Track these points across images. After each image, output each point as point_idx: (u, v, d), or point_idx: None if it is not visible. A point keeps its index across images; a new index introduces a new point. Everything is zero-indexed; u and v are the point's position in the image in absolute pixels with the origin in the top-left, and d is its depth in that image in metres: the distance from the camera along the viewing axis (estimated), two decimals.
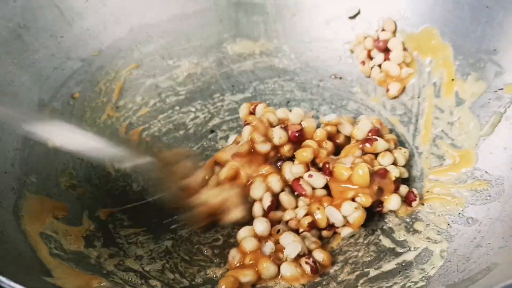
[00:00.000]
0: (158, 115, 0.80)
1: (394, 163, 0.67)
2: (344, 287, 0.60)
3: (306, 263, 0.59)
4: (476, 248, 0.59)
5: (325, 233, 0.65)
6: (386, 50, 0.81)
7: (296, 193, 0.66)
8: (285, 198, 0.65)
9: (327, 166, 0.64)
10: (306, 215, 0.63)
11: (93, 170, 0.72)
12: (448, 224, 0.64)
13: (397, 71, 0.79)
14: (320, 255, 0.61)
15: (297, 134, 0.68)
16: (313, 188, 0.65)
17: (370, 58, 0.82)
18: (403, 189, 0.66)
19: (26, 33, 0.73)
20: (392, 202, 0.64)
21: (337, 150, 0.70)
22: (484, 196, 0.64)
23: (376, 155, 0.68)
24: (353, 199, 0.62)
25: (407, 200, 0.66)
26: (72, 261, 0.59)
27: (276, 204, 0.65)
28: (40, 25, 0.75)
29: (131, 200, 0.70)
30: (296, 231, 0.64)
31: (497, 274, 0.51)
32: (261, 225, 0.62)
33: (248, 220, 0.65)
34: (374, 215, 0.66)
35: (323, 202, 0.64)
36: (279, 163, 0.68)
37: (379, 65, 0.81)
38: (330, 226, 0.64)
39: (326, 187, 0.66)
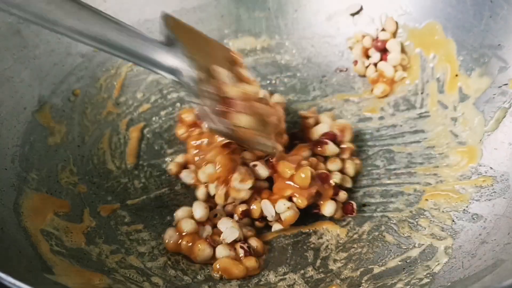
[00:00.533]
0: (159, 111, 0.80)
1: (342, 171, 0.68)
2: (348, 284, 0.59)
3: (241, 247, 0.62)
4: (481, 244, 0.58)
5: (257, 223, 0.66)
6: (383, 51, 0.81)
7: None
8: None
9: (271, 160, 0.65)
10: (243, 202, 0.65)
11: (94, 167, 0.71)
12: (453, 221, 0.63)
13: (391, 72, 0.79)
14: (254, 243, 0.63)
15: None
16: (256, 179, 0.65)
17: (367, 56, 0.82)
18: (342, 195, 0.66)
19: (26, 28, 0.72)
20: (327, 208, 0.65)
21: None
22: (489, 192, 0.64)
23: (326, 158, 0.68)
24: (290, 198, 0.63)
25: (344, 209, 0.66)
26: (73, 258, 0.58)
27: None
28: None
29: (133, 197, 0.70)
30: (231, 216, 0.66)
31: (504, 270, 0.51)
32: (200, 211, 0.64)
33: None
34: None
35: (262, 194, 0.65)
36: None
37: (375, 64, 0.81)
38: (263, 218, 0.65)
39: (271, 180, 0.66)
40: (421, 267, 0.60)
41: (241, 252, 0.62)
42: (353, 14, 0.84)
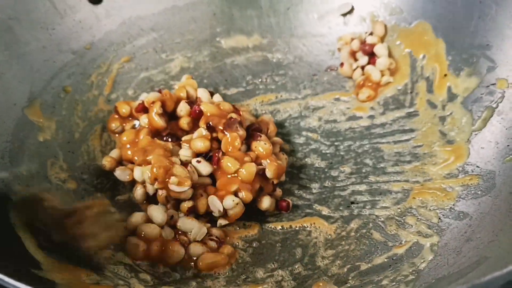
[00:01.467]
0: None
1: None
2: (335, 281, 0.60)
3: (211, 240, 0.63)
4: (466, 242, 0.59)
5: (201, 220, 0.66)
6: (371, 54, 0.81)
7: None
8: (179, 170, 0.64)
9: (216, 155, 0.66)
10: (189, 199, 0.64)
11: (84, 163, 0.72)
12: (439, 219, 0.64)
13: (378, 77, 0.79)
14: (216, 232, 0.65)
15: (197, 111, 0.69)
16: (199, 175, 0.66)
17: (355, 59, 0.83)
18: (278, 192, 0.68)
19: (17, 25, 0.72)
20: (264, 202, 0.66)
21: None
22: (475, 191, 0.64)
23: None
24: (235, 193, 0.64)
25: (278, 204, 0.68)
26: (61, 254, 0.58)
27: None
28: (31, 17, 0.74)
29: (122, 193, 0.70)
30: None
31: (487, 267, 0.51)
32: (160, 216, 0.63)
33: None
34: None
35: (208, 190, 0.65)
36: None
37: (362, 67, 0.82)
38: (208, 213, 0.65)
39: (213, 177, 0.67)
40: (407, 264, 0.60)
41: (213, 244, 0.63)
42: (344, 14, 0.85)
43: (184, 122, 0.70)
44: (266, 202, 0.66)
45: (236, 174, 0.64)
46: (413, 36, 0.80)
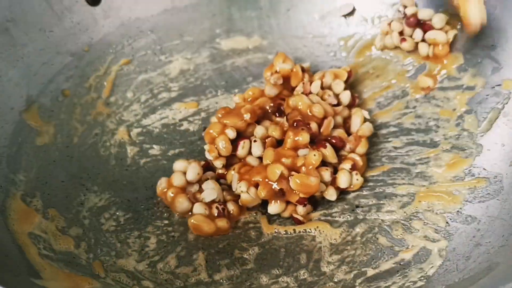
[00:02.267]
0: (149, 111, 0.79)
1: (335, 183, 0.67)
2: (341, 287, 0.59)
3: (216, 208, 0.65)
4: (475, 247, 0.58)
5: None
6: (418, 24, 0.77)
7: None
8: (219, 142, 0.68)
9: (266, 141, 0.68)
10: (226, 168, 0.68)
11: (83, 168, 0.70)
12: (447, 223, 0.63)
13: (443, 37, 0.74)
14: (231, 206, 0.66)
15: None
16: (249, 153, 0.68)
17: (404, 39, 0.78)
18: (302, 208, 0.65)
19: (14, 27, 0.71)
20: (271, 206, 0.66)
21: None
22: (482, 194, 0.64)
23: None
24: (256, 184, 0.65)
25: (293, 217, 0.66)
26: (61, 262, 0.57)
27: None
28: (28, 18, 0.73)
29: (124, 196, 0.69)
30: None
31: (498, 274, 0.50)
32: (193, 174, 0.66)
33: None
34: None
35: (242, 168, 0.67)
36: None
37: (423, 40, 0.77)
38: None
39: None
40: (415, 269, 0.59)
41: (215, 212, 0.65)
42: (345, 16, 0.84)
43: (291, 100, 0.70)
44: (273, 208, 0.66)
45: (266, 168, 0.65)
46: None
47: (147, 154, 0.74)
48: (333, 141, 0.68)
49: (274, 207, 0.65)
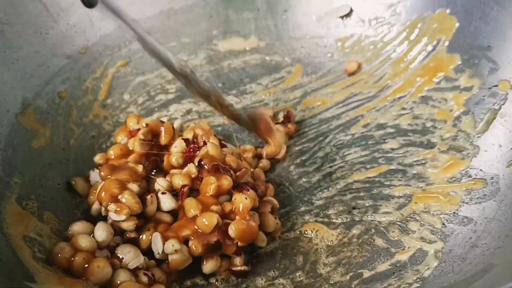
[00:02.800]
0: (146, 113, 0.78)
1: (262, 227, 0.63)
2: None
3: (145, 274, 0.57)
4: (471, 248, 0.58)
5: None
6: None
7: None
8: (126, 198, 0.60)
9: (182, 190, 0.61)
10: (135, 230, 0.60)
11: (79, 171, 0.70)
12: (443, 224, 0.63)
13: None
14: (158, 273, 0.58)
15: (192, 151, 0.65)
16: (160, 209, 0.61)
17: None
18: (238, 260, 0.60)
19: (9, 29, 0.71)
20: (206, 265, 0.59)
21: None
22: (479, 195, 0.63)
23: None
24: (187, 240, 0.58)
25: (233, 271, 0.60)
26: (56, 265, 0.57)
27: None
28: (24, 21, 0.73)
29: None
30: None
31: (494, 275, 0.50)
32: (103, 235, 0.58)
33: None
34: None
35: (159, 227, 0.60)
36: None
37: None
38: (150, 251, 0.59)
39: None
40: (411, 271, 0.59)
41: (144, 279, 0.56)
42: (342, 17, 0.84)
43: (173, 159, 0.65)
44: (209, 266, 0.59)
45: (195, 221, 0.58)
46: None
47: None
48: (250, 185, 0.63)
49: (209, 265, 0.59)
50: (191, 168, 0.63)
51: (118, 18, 0.61)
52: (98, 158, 0.69)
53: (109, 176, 0.61)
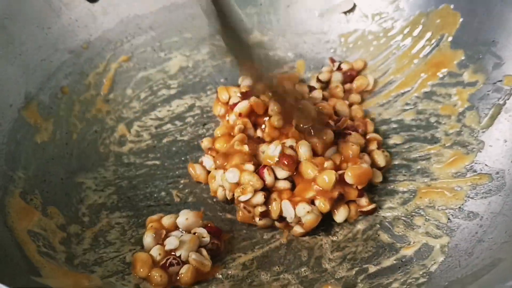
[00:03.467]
0: (149, 108, 0.78)
1: (374, 164, 0.67)
2: (343, 284, 0.59)
3: (174, 258, 0.59)
4: (478, 243, 0.58)
5: (277, 224, 0.64)
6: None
7: None
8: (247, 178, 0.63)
9: (285, 162, 0.63)
10: (264, 203, 0.63)
11: (82, 165, 0.70)
12: (448, 219, 0.63)
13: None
14: (183, 270, 0.59)
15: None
16: (276, 178, 0.64)
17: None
18: (364, 200, 0.64)
19: (12, 24, 0.71)
20: (339, 214, 0.63)
21: None
22: (484, 190, 0.63)
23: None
24: (312, 200, 0.62)
25: (364, 212, 0.65)
26: (61, 259, 0.57)
27: None
28: (26, 15, 0.72)
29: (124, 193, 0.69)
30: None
31: (502, 270, 0.50)
32: (156, 251, 0.60)
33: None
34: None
35: (283, 194, 0.63)
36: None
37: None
38: (282, 218, 0.63)
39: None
40: (417, 266, 0.59)
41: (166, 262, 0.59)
42: (345, 12, 0.84)
43: (274, 120, 0.69)
44: (341, 215, 0.63)
45: (314, 181, 0.62)
46: None
47: (147, 151, 0.74)
48: (352, 128, 0.69)
49: (341, 214, 0.63)
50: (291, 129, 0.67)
51: None
52: (206, 143, 0.71)
53: (225, 164, 0.65)
